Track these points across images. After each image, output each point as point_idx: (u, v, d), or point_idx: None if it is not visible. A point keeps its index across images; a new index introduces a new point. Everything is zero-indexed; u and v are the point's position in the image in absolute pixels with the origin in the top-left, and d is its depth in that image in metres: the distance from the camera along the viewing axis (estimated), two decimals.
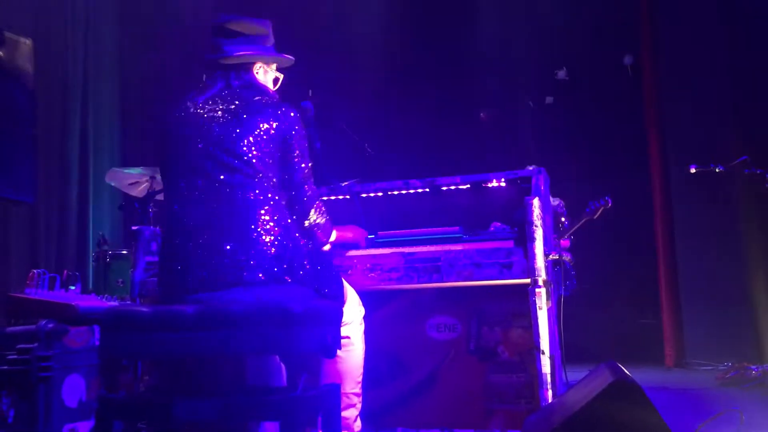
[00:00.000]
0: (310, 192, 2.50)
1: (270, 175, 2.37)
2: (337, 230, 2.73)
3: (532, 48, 7.31)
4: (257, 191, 2.32)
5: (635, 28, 6.85)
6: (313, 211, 2.52)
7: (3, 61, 2.69)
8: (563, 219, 5.25)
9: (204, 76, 2.54)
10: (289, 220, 2.39)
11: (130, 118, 7.08)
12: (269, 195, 2.35)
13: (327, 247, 2.72)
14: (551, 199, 5.10)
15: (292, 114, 2.45)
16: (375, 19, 7.31)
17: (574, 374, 5.28)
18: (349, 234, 2.92)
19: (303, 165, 2.47)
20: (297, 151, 2.44)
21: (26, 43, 2.83)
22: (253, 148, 2.35)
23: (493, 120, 7.59)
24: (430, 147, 7.19)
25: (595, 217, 5.20)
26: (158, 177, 4.61)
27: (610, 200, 5.17)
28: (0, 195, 2.68)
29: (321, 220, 2.55)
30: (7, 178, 2.69)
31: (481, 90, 7.54)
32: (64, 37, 6.38)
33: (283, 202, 2.40)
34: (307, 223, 2.51)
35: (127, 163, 6.38)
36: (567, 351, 5.15)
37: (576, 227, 5.19)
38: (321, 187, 3.11)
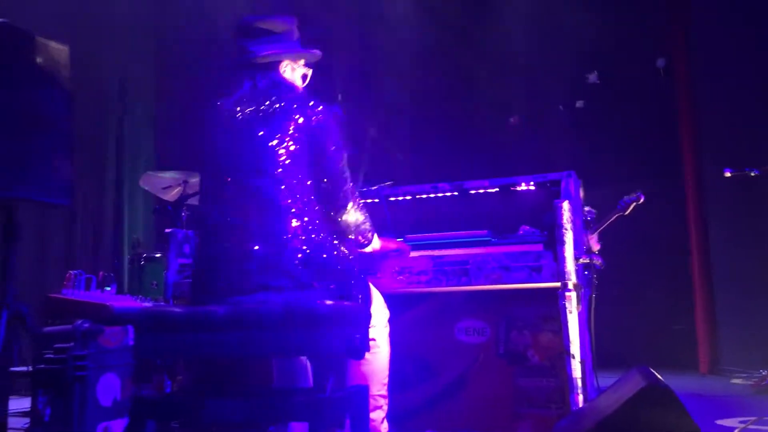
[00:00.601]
0: (347, 186, 2.44)
1: (300, 174, 2.33)
2: (381, 240, 2.70)
3: (563, 51, 7.25)
4: (286, 193, 2.29)
5: (667, 29, 6.77)
6: (351, 204, 2.47)
7: (40, 68, 2.75)
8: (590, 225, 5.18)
9: (233, 78, 2.53)
10: (318, 222, 2.35)
11: (165, 123, 7.19)
12: (298, 196, 2.31)
13: (369, 249, 2.69)
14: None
15: (320, 108, 2.41)
16: (405, 23, 7.32)
17: (606, 380, 5.22)
18: (393, 245, 2.87)
19: (338, 156, 2.42)
20: (330, 143, 2.39)
21: (63, 49, 2.89)
22: (281, 147, 2.32)
23: (523, 124, 7.55)
24: (459, 151, 7.17)
25: (627, 213, 4.99)
26: (191, 181, 4.68)
27: (642, 195, 4.97)
28: (38, 199, 2.73)
29: (360, 217, 2.50)
30: (45, 183, 2.74)
31: (511, 93, 7.51)
32: (101, 44, 6.51)
33: (315, 205, 2.36)
34: (345, 216, 2.46)
35: (161, 167, 6.49)
36: (598, 356, 5.09)
37: (607, 223, 5.06)
38: None
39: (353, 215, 2.49)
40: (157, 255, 4.63)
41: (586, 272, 3.81)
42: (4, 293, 2.59)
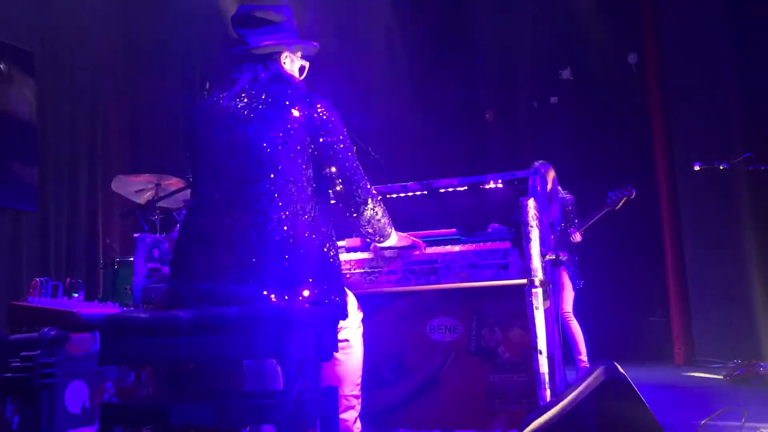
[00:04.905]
0: (363, 181, 2.35)
1: (300, 174, 2.23)
2: (398, 235, 2.65)
3: (536, 48, 7.31)
4: (277, 196, 2.18)
5: (639, 26, 6.85)
6: (371, 200, 2.38)
7: (3, 73, 2.74)
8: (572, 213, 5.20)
9: (233, 68, 2.40)
10: (312, 226, 2.24)
11: (139, 125, 7.14)
12: (293, 200, 2.20)
13: (387, 244, 2.63)
14: (562, 192, 5.05)
15: (323, 102, 2.32)
16: (376, 22, 7.32)
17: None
18: (409, 242, 2.84)
19: (349, 153, 2.31)
20: (338, 141, 2.30)
21: (28, 53, 2.87)
22: (281, 144, 2.22)
23: (497, 121, 7.60)
24: (432, 149, 7.20)
25: (617, 208, 5.00)
26: (163, 184, 4.66)
27: (633, 190, 4.96)
28: (4, 205, 2.72)
29: (380, 212, 2.42)
30: (11, 189, 2.74)
31: (485, 91, 7.55)
32: (71, 47, 6.45)
33: (310, 208, 2.24)
34: (366, 213, 2.37)
35: (136, 170, 6.44)
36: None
37: (597, 218, 5.06)
38: None
39: (373, 210, 2.40)
40: (130, 259, 4.60)
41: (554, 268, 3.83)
42: None
